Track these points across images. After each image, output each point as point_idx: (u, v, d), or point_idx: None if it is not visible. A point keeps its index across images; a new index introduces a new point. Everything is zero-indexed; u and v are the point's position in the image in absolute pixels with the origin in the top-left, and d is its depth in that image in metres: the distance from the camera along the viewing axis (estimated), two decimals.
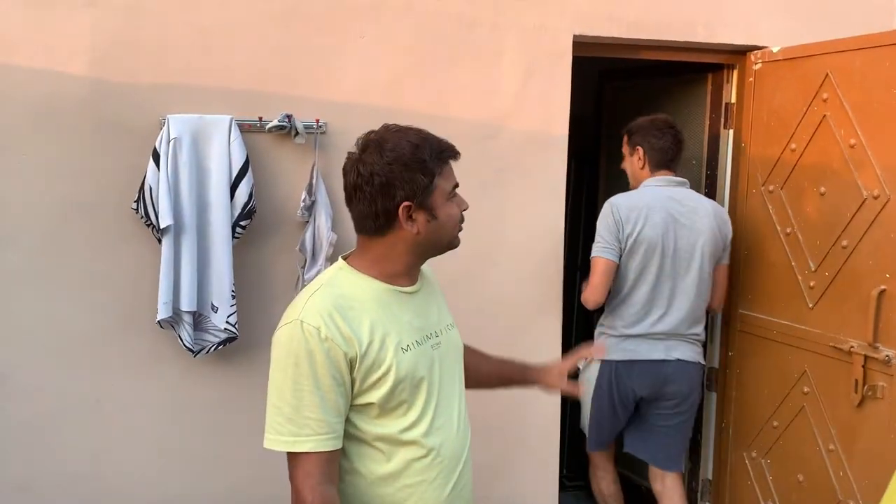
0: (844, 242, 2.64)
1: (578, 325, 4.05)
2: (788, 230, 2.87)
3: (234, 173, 2.45)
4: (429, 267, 1.70)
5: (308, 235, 2.54)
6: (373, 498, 1.49)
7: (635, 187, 2.88)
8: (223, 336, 2.46)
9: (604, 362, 2.86)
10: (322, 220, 2.55)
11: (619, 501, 3.14)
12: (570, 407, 4.04)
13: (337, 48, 2.61)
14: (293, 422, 1.38)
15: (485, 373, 1.87)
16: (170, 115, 2.40)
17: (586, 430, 2.99)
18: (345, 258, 1.56)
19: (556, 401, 3.00)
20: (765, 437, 3.00)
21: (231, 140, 2.44)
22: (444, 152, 1.49)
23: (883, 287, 2.50)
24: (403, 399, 1.47)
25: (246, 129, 2.50)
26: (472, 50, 2.73)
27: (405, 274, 1.54)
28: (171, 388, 2.58)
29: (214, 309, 2.44)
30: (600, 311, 2.97)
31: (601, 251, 2.72)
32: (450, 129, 2.64)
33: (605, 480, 3.10)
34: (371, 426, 1.46)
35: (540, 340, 2.96)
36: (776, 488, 2.97)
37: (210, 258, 2.44)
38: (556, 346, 2.98)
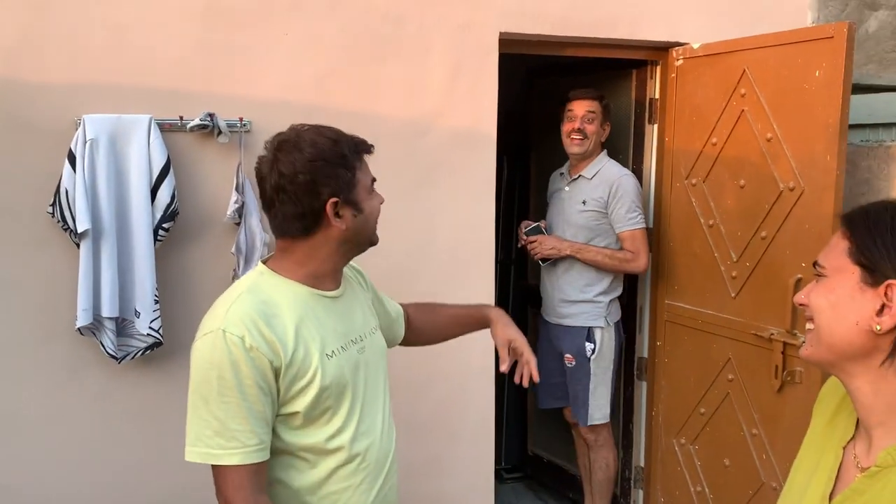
0: (763, 233, 2.74)
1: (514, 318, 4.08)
2: (711, 222, 2.95)
3: (155, 174, 2.38)
4: (358, 267, 1.70)
5: (242, 237, 2.49)
6: None
7: (590, 155, 3.10)
8: (148, 341, 2.39)
9: (616, 325, 3.14)
10: (253, 221, 2.50)
11: None
12: (507, 400, 4.10)
13: (260, 46, 2.56)
14: (221, 434, 1.35)
15: (442, 323, 1.93)
16: (85, 115, 2.31)
17: (598, 411, 3.15)
18: (265, 262, 1.53)
19: (490, 395, 3.02)
20: (693, 424, 3.09)
21: (151, 140, 2.37)
22: (359, 146, 1.49)
23: (799, 276, 2.60)
24: (328, 406, 1.45)
25: (166, 128, 2.43)
26: (400, 47, 2.72)
27: (331, 276, 1.52)
28: (94, 397, 2.49)
29: (137, 314, 2.37)
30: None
31: (642, 221, 3.06)
32: (379, 126, 2.67)
33: (613, 452, 3.26)
34: (295, 437, 1.44)
35: (473, 336, 2.96)
36: (704, 473, 3.06)
37: (131, 262, 2.36)
38: (488, 340, 2.99)
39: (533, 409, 3.98)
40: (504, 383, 3.75)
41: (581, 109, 3.05)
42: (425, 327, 1.92)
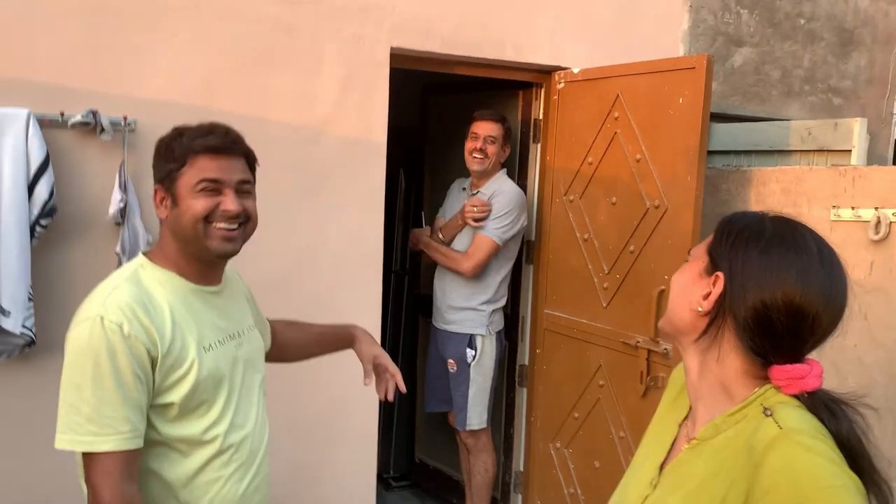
0: (632, 247, 2.93)
1: (407, 326, 4.17)
2: (586, 236, 3.13)
3: (33, 170, 2.33)
4: (234, 271, 1.73)
5: (126, 237, 2.47)
6: (169, 497, 1.48)
7: (489, 173, 3.25)
8: (20, 341, 2.34)
9: (498, 334, 3.25)
10: (137, 220, 2.49)
11: None
12: (396, 409, 4.16)
13: (148, 46, 2.56)
14: (93, 421, 1.35)
15: (307, 339, 1.97)
16: None
17: (476, 416, 3.27)
18: (145, 254, 1.55)
19: (373, 402, 3.08)
20: (567, 429, 3.25)
21: (29, 135, 2.32)
22: (197, 142, 1.47)
23: (662, 287, 2.80)
24: (204, 399, 1.48)
25: (46, 124, 2.39)
26: (292, 56, 2.78)
27: (202, 270, 1.54)
28: None
29: (6, 313, 2.30)
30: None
31: (497, 235, 3.16)
32: (269, 132, 2.72)
33: (492, 457, 3.37)
34: (171, 428, 1.46)
35: None
36: (577, 475, 3.21)
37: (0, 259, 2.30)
38: None
39: (421, 416, 4.06)
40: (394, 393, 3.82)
41: (483, 131, 3.20)
42: (290, 343, 1.95)
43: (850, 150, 2.94)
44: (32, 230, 2.34)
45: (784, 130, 3.28)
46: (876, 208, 2.44)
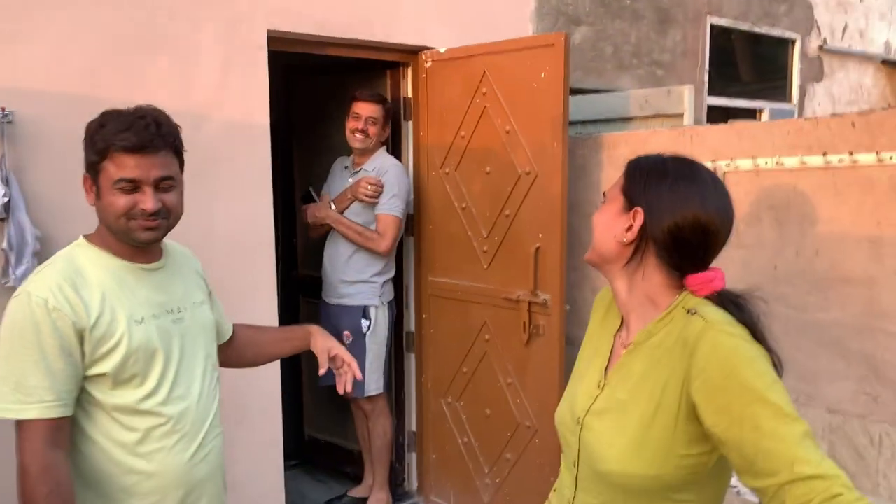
0: (507, 212, 3.21)
1: (289, 307, 4.21)
2: (463, 205, 3.37)
3: None
4: (187, 249, 1.78)
5: (11, 232, 2.37)
6: (113, 465, 1.55)
7: (371, 151, 3.42)
8: None
9: (389, 304, 3.41)
10: (21, 215, 2.40)
11: None
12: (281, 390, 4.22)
13: (21, 33, 2.46)
14: (19, 390, 1.43)
15: (265, 340, 2.05)
16: None
17: (374, 383, 3.43)
18: (85, 236, 1.61)
19: (276, 380, 3.16)
20: (457, 384, 3.50)
21: None
22: (118, 137, 1.50)
23: (538, 245, 3.10)
24: (137, 371, 1.55)
25: None
26: (170, 41, 2.76)
27: (136, 249, 1.61)
28: None
29: None
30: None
31: (397, 210, 3.36)
32: None
33: (390, 420, 3.53)
34: (107, 397, 1.54)
35: (257, 321, 3.07)
36: (469, 425, 3.48)
37: None
38: (273, 323, 3.13)
39: (308, 394, 4.15)
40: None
41: (365, 112, 3.34)
42: (249, 343, 2.03)
43: (682, 114, 3.39)
44: None
45: (625, 100, 3.70)
46: (712, 161, 2.87)
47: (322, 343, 2.00)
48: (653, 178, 1.35)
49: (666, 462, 1.25)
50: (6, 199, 2.39)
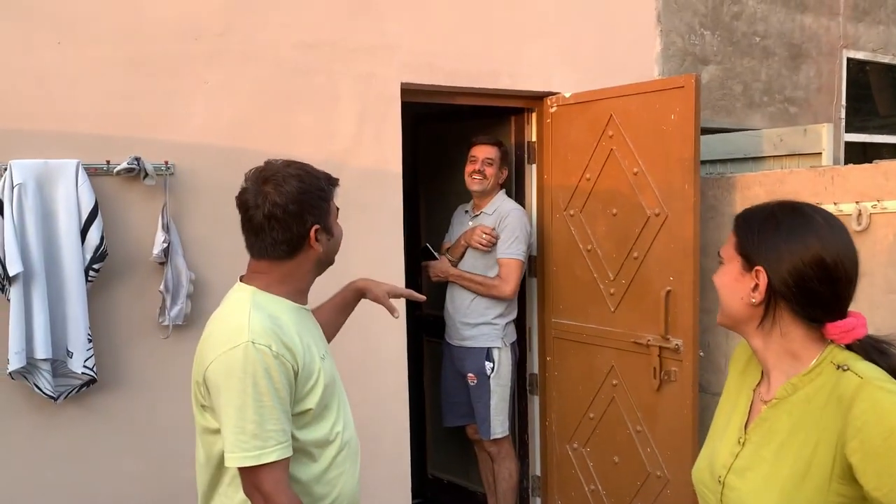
0: (635, 254, 3.17)
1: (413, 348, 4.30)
2: (589, 247, 3.36)
3: (84, 217, 2.44)
4: None
5: (169, 276, 2.58)
6: (308, 497, 1.64)
7: (489, 193, 3.46)
8: (83, 379, 2.42)
9: (512, 346, 3.42)
10: (179, 260, 2.60)
11: None
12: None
13: (181, 93, 2.70)
14: (258, 437, 1.50)
15: (326, 318, 2.04)
16: (12, 160, 2.35)
17: (499, 425, 3.44)
18: (244, 282, 1.70)
19: (404, 417, 3.23)
20: (583, 429, 3.45)
21: (79, 184, 2.43)
22: (332, 180, 1.74)
23: (668, 288, 3.04)
24: (328, 402, 1.67)
25: (93, 172, 2.50)
26: (311, 96, 2.94)
27: (306, 291, 1.74)
28: (27, 440, 2.46)
29: (70, 354, 2.39)
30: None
31: (520, 253, 3.40)
32: None
33: (516, 463, 3.53)
34: (305, 433, 1.62)
35: (388, 359, 3.18)
36: (596, 472, 3.41)
37: (63, 303, 2.40)
38: (402, 361, 3.22)
39: (431, 433, 4.20)
40: None
41: (481, 154, 3.42)
42: (323, 323, 2.07)
43: (821, 153, 3.25)
44: (86, 274, 2.44)
45: (758, 138, 3.60)
46: (856, 202, 2.74)
47: (378, 290, 2.08)
48: (766, 231, 1.31)
49: None
50: (166, 245, 2.59)
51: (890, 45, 4.72)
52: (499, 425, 3.43)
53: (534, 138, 3.64)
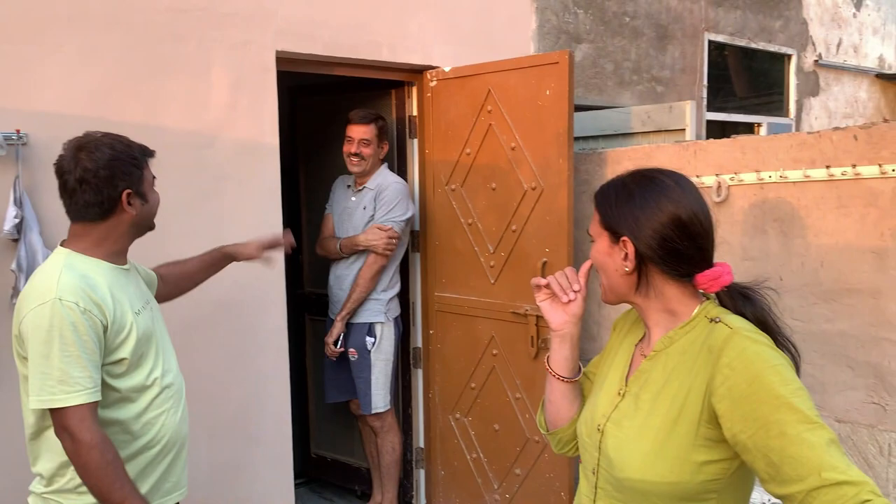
0: (514, 227, 3.24)
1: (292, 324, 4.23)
2: (469, 221, 3.40)
3: None
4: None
5: (22, 253, 2.39)
6: (126, 434, 1.80)
7: (370, 171, 3.41)
8: None
9: (395, 320, 3.42)
10: (34, 236, 2.42)
11: None
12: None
13: (35, 58, 2.50)
14: (64, 382, 1.64)
15: (191, 271, 2.29)
16: None
17: (381, 399, 3.44)
18: (63, 245, 1.82)
19: (285, 398, 3.17)
20: (465, 399, 3.51)
21: None
22: (146, 151, 1.90)
23: (545, 259, 3.13)
24: (143, 351, 1.84)
25: None
26: (181, 63, 2.80)
27: (122, 254, 1.89)
28: None
29: None
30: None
31: (393, 223, 3.37)
32: (164, 138, 2.74)
33: (399, 436, 3.55)
34: (122, 381, 1.79)
35: (267, 339, 3.11)
36: (478, 440, 3.49)
37: None
38: (282, 341, 3.15)
39: (315, 412, 4.16)
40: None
41: (357, 134, 3.35)
42: (179, 275, 2.27)
43: (684, 129, 3.43)
44: None
45: (627, 115, 3.75)
46: (716, 175, 2.91)
47: (245, 250, 2.34)
48: (622, 202, 1.38)
49: (686, 469, 1.27)
50: (18, 220, 2.41)
51: (746, 29, 5.03)
52: (380, 399, 3.44)
53: (415, 112, 3.63)
